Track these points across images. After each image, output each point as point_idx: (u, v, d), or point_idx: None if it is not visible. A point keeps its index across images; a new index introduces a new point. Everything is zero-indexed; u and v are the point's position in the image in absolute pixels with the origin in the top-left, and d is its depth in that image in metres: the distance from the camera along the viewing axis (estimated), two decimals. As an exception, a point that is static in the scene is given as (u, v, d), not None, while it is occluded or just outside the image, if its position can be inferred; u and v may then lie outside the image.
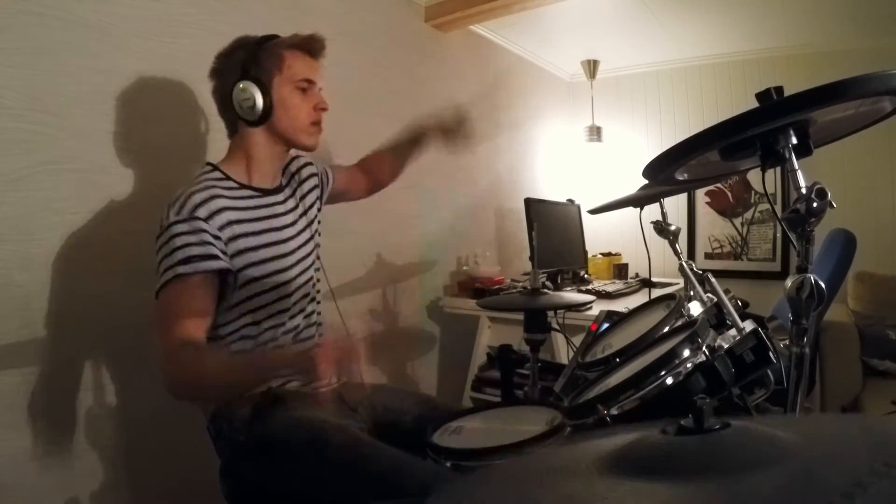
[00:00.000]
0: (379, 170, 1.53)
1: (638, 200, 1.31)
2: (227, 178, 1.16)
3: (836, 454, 0.37)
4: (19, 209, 1.19)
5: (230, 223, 1.09)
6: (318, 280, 1.31)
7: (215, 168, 1.17)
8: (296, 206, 1.27)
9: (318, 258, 1.32)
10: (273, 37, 1.19)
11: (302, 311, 1.22)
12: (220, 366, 1.01)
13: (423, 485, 0.94)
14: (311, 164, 1.37)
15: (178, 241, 1.03)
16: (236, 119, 1.18)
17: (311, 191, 1.33)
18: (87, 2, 1.30)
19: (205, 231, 1.04)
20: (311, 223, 1.30)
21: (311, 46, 1.19)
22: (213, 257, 1.04)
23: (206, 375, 0.99)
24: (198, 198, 1.06)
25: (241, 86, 1.13)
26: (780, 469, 0.35)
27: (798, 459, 0.35)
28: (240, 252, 1.09)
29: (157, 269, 1.04)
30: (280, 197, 1.24)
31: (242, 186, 1.16)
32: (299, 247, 1.22)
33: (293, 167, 1.33)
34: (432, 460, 1.01)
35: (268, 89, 1.14)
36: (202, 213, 1.05)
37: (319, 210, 1.36)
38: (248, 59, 1.14)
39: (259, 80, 1.13)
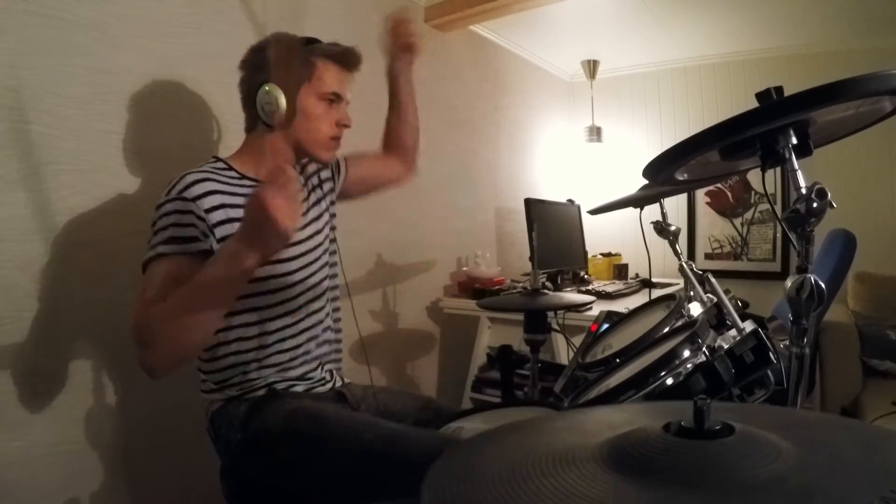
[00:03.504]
0: (396, 135, 1.51)
1: (638, 201, 1.31)
2: (230, 168, 1.15)
3: (837, 475, 0.37)
4: (19, 209, 1.19)
5: (223, 206, 1.07)
6: (333, 277, 1.28)
7: (219, 160, 1.17)
8: (306, 211, 1.25)
9: (333, 253, 1.30)
10: (312, 41, 1.16)
11: (311, 312, 1.20)
12: (182, 297, 0.92)
13: (422, 452, 0.94)
14: (325, 172, 1.35)
15: (164, 221, 1.03)
16: (256, 118, 1.16)
17: (326, 193, 1.32)
18: (87, 2, 1.29)
19: (191, 212, 1.03)
20: (323, 223, 1.28)
21: (346, 60, 1.17)
22: (195, 239, 1.03)
23: (172, 309, 0.91)
24: (190, 178, 1.06)
25: (266, 88, 1.10)
26: (782, 487, 0.35)
27: (800, 477, 0.35)
28: (229, 237, 1.06)
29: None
30: None
31: (244, 177, 1.15)
32: (303, 244, 1.20)
33: (309, 169, 1.31)
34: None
35: (293, 96, 1.11)
36: (191, 193, 1.04)
37: (332, 204, 1.34)
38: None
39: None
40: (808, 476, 0.36)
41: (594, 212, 1.42)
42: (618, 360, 1.05)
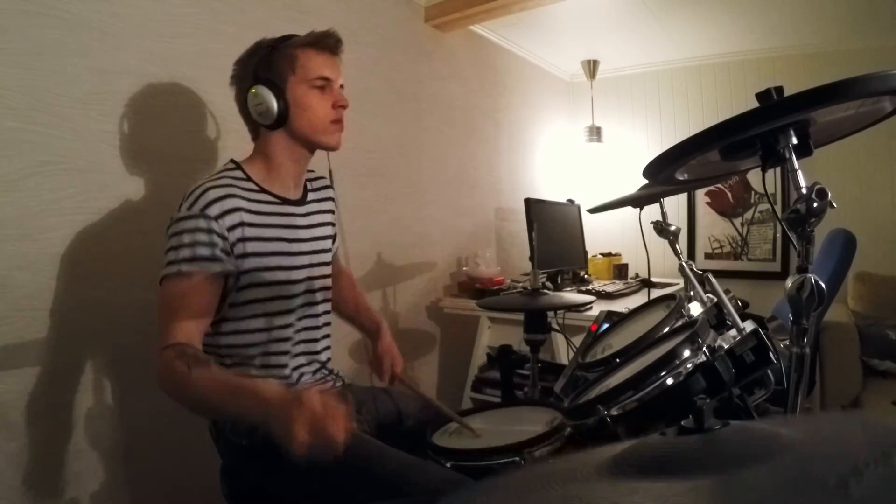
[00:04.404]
0: (339, 289, 1.44)
1: (637, 200, 1.31)
2: (248, 178, 1.14)
3: (833, 447, 0.37)
4: (19, 209, 1.19)
5: (242, 224, 1.07)
6: (327, 290, 1.28)
7: (238, 167, 1.16)
8: (316, 224, 1.26)
9: (329, 251, 1.31)
10: (288, 37, 1.17)
11: (310, 314, 1.21)
12: (203, 385, 0.93)
13: (429, 488, 0.93)
14: (333, 191, 1.37)
15: (186, 238, 1.02)
16: (256, 124, 1.17)
17: (329, 213, 1.33)
18: (87, 2, 1.30)
19: (213, 231, 1.03)
20: (327, 226, 1.30)
21: (325, 43, 1.17)
22: (218, 259, 1.04)
23: (187, 389, 0.94)
24: (213, 194, 1.05)
25: (253, 91, 1.12)
26: (778, 462, 0.35)
27: (795, 453, 0.36)
28: (247, 255, 1.08)
29: (164, 258, 1.04)
30: (301, 209, 1.22)
31: (262, 190, 1.15)
32: (309, 255, 1.21)
33: (317, 184, 1.32)
34: (433, 461, 1.01)
35: (282, 91, 1.12)
36: (214, 210, 1.04)
37: (333, 239, 1.34)
38: (260, 63, 1.13)
39: (272, 83, 1.12)
40: (806, 447, 0.36)
41: (594, 210, 1.42)
42: (618, 360, 1.05)
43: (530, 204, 2.45)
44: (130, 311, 1.35)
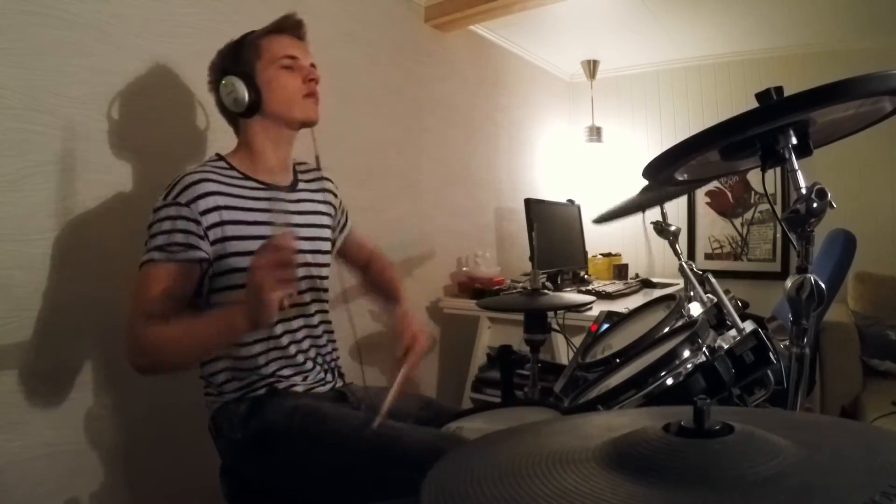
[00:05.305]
0: (372, 277, 1.46)
1: (643, 207, 1.30)
2: (232, 167, 1.16)
3: (837, 473, 0.37)
4: (19, 209, 1.19)
5: (218, 208, 1.08)
6: (323, 282, 1.28)
7: (221, 158, 1.18)
8: (309, 212, 1.26)
9: (327, 253, 1.30)
10: (251, 32, 1.20)
11: (310, 312, 1.21)
12: (177, 334, 0.98)
13: (421, 448, 0.94)
14: (330, 182, 1.37)
15: (161, 226, 1.05)
16: (234, 116, 1.20)
17: (324, 203, 1.32)
18: (87, 2, 1.30)
19: (185, 217, 1.05)
20: (321, 227, 1.29)
21: (285, 25, 1.20)
22: (191, 247, 1.04)
23: (164, 346, 0.98)
24: (187, 180, 1.08)
25: (223, 82, 1.16)
26: (782, 484, 0.35)
27: (800, 475, 0.35)
28: (226, 239, 1.08)
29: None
30: (291, 196, 1.23)
31: (247, 178, 1.16)
32: (302, 242, 1.20)
33: (308, 176, 1.32)
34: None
35: (251, 78, 1.15)
36: (186, 196, 1.06)
37: (330, 228, 1.33)
38: (226, 59, 1.18)
39: (242, 73, 1.15)
40: (808, 474, 0.36)
41: (599, 220, 1.39)
42: (618, 360, 1.05)
43: (530, 204, 2.46)
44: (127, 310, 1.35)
